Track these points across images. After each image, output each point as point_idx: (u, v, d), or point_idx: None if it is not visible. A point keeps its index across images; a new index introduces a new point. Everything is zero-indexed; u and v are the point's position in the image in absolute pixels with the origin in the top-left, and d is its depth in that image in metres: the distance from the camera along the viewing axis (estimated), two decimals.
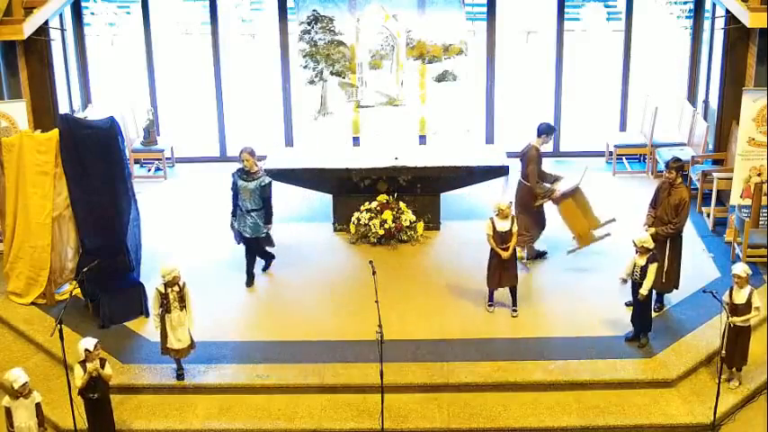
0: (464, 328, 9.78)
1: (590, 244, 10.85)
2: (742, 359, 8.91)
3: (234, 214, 10.58)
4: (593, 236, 10.84)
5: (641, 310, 9.31)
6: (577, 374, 9.02)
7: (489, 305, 10.10)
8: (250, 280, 10.75)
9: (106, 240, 10.04)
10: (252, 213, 10.43)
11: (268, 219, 10.54)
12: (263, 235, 10.60)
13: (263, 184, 10.38)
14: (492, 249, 9.80)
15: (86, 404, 8.25)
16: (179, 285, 8.78)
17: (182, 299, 8.78)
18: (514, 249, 9.82)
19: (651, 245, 9.12)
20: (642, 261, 9.11)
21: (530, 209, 10.82)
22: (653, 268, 9.10)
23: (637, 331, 9.41)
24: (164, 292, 8.73)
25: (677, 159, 9.75)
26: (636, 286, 9.23)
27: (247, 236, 10.53)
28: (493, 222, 9.74)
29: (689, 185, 11.19)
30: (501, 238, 9.73)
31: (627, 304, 9.77)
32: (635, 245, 9.16)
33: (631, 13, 13.90)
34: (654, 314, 9.58)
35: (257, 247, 10.76)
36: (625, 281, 9.39)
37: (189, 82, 16.23)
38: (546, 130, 10.73)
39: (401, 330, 9.55)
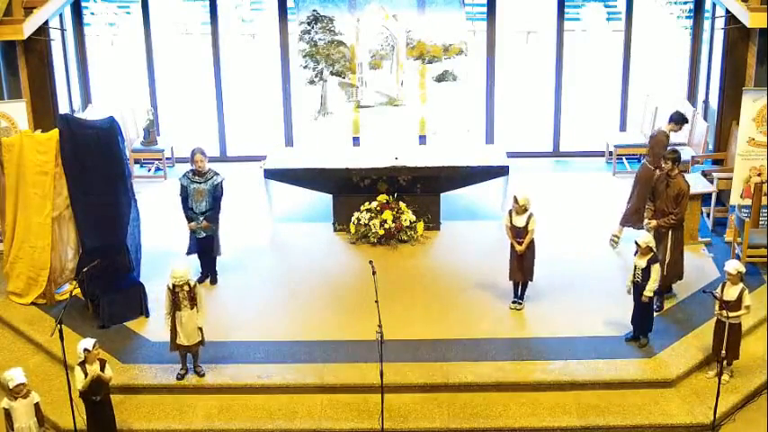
0: (464, 328, 9.77)
1: None
2: (733, 354, 8.93)
3: (190, 220, 10.48)
4: None
5: (643, 311, 9.28)
6: (577, 374, 9.02)
7: (513, 301, 10.09)
8: (213, 278, 10.76)
9: (106, 240, 10.05)
10: (207, 215, 10.39)
11: (214, 218, 10.45)
12: (213, 232, 10.51)
13: (215, 183, 10.36)
14: (511, 243, 9.84)
15: (87, 406, 8.24)
16: (189, 285, 8.80)
17: (192, 298, 8.80)
18: (533, 244, 9.81)
19: (653, 244, 9.11)
20: (643, 263, 9.08)
21: (646, 188, 10.76)
22: (656, 268, 9.08)
23: (637, 332, 9.40)
24: (173, 290, 8.74)
25: (673, 150, 9.83)
26: (638, 288, 9.21)
27: (202, 236, 10.47)
28: (510, 215, 9.75)
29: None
30: (516, 232, 9.74)
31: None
32: (638, 246, 9.12)
33: (631, 13, 13.90)
34: (655, 314, 9.58)
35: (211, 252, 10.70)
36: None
37: (189, 82, 16.23)
38: (676, 119, 10.96)
39: (401, 330, 9.54)
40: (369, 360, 8.97)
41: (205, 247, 10.63)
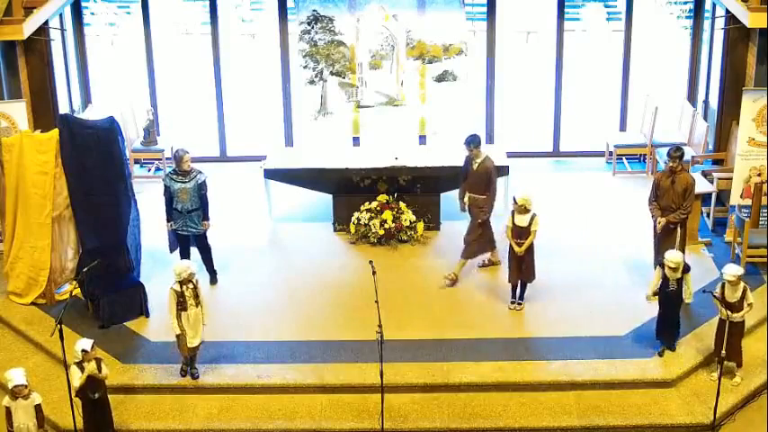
0: (464, 328, 9.77)
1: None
2: (737, 354, 8.95)
3: (170, 219, 10.49)
4: None
5: (675, 317, 9.18)
6: (577, 374, 9.03)
7: (512, 302, 10.09)
8: (213, 278, 10.74)
9: (106, 240, 10.05)
10: (192, 214, 10.39)
11: (206, 215, 10.48)
12: (203, 231, 10.52)
13: (199, 181, 10.36)
14: (510, 244, 9.84)
15: (85, 405, 8.24)
16: (193, 282, 8.80)
17: (196, 295, 8.80)
18: (532, 246, 9.80)
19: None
20: (678, 274, 9.00)
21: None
22: (688, 277, 9.11)
23: (669, 340, 9.26)
24: (180, 290, 8.73)
25: (678, 148, 9.93)
26: (670, 297, 9.08)
27: (191, 232, 10.46)
28: (513, 216, 9.76)
29: None
30: (517, 232, 9.74)
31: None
32: (670, 267, 8.92)
33: (631, 13, 13.90)
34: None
35: (203, 253, 10.68)
36: (655, 294, 9.27)
37: (189, 82, 16.23)
38: (466, 143, 10.54)
39: (401, 330, 9.54)
40: (369, 360, 8.97)
41: (198, 245, 10.61)
